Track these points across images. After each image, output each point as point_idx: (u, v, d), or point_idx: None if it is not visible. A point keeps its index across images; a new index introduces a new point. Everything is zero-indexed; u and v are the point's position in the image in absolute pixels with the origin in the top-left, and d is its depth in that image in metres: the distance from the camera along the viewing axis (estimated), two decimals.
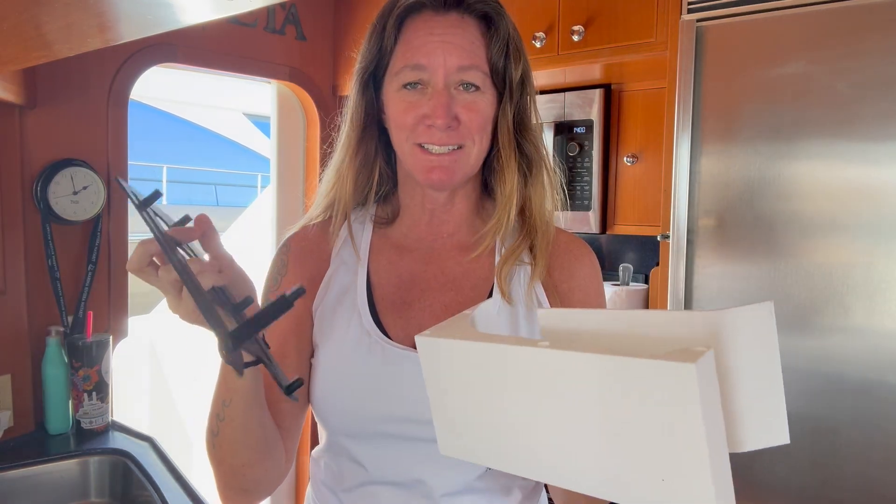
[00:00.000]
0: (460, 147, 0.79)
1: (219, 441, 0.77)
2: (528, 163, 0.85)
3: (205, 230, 0.64)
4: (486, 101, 0.80)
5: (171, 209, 0.68)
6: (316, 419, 0.88)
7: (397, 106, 0.80)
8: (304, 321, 0.86)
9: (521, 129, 0.84)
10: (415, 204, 0.88)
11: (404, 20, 0.80)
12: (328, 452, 0.88)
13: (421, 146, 0.79)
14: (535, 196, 0.85)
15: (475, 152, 0.81)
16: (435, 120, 0.77)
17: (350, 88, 0.86)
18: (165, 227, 0.64)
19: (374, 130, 0.86)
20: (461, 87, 0.78)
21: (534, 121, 0.86)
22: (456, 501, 0.82)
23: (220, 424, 0.75)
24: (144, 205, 0.63)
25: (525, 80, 0.83)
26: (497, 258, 0.85)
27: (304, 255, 0.88)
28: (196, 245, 0.66)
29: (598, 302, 0.90)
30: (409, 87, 0.79)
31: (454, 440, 0.62)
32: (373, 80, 0.84)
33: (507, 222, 0.83)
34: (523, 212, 0.86)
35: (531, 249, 0.85)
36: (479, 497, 0.82)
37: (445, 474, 0.81)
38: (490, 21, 0.79)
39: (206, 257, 0.66)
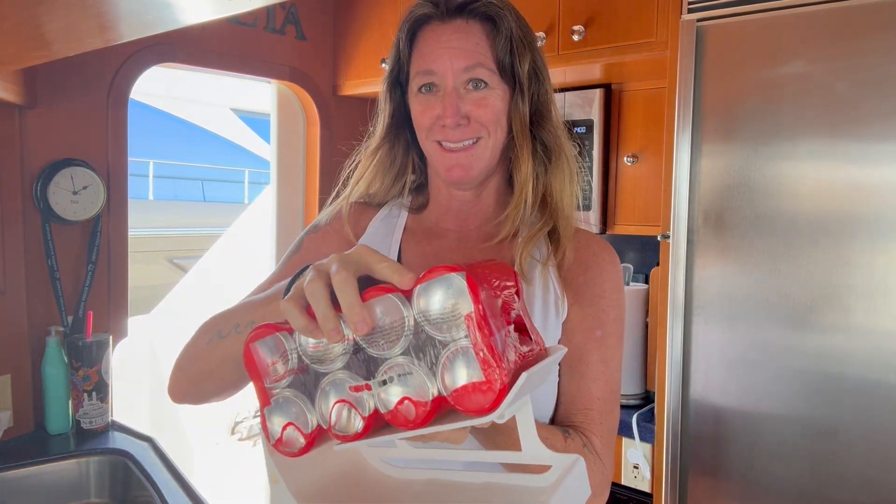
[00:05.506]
0: (476, 140, 0.85)
1: (206, 353, 0.74)
2: (546, 152, 0.89)
3: None
4: (495, 95, 0.85)
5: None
6: None
7: (416, 108, 0.87)
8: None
9: (539, 119, 0.89)
10: (442, 198, 0.94)
11: (416, 31, 0.87)
12: None
13: (440, 143, 0.86)
14: (555, 183, 0.89)
15: (491, 144, 0.86)
16: (445, 120, 0.83)
17: (380, 93, 0.94)
18: None
19: (406, 129, 0.93)
20: (470, 86, 0.84)
21: (553, 113, 0.90)
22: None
23: (219, 342, 0.72)
24: None
25: (537, 72, 0.88)
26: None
27: (330, 237, 0.95)
28: None
29: (615, 299, 0.90)
30: (424, 89, 0.86)
31: None
32: (399, 85, 0.91)
33: (526, 205, 0.87)
34: (545, 199, 0.89)
35: (552, 235, 0.88)
36: None
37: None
38: (493, 21, 0.85)
39: None
